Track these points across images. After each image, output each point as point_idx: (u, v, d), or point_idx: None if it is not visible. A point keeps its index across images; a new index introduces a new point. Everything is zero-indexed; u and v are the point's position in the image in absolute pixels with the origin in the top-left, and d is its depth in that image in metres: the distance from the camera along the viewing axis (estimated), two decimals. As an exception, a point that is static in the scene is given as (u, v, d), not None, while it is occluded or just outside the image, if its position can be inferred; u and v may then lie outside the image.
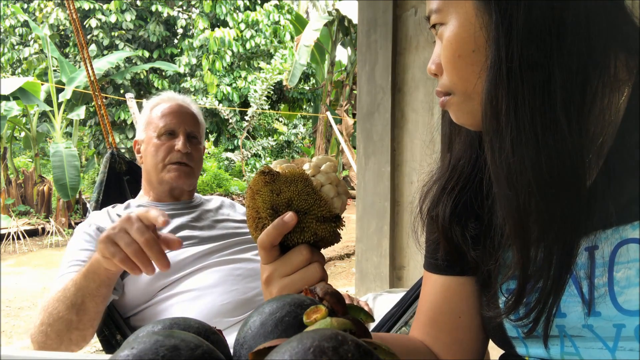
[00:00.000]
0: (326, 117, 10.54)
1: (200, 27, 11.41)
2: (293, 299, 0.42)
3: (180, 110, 1.45)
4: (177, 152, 1.39)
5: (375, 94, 2.94)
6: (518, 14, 0.50)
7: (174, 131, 1.41)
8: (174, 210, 1.42)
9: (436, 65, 0.61)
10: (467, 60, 0.55)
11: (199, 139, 1.47)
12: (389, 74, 2.83)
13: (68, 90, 8.90)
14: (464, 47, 0.55)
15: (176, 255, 1.27)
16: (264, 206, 0.59)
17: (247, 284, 1.26)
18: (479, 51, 0.54)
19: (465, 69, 0.56)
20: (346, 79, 11.37)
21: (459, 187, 0.67)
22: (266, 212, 0.59)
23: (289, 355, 0.29)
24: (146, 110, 1.48)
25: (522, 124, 0.51)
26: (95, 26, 10.86)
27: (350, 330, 0.34)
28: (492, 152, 0.54)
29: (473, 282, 0.69)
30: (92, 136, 11.64)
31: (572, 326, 0.56)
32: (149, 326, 0.42)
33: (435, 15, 0.57)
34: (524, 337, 0.61)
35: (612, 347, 0.54)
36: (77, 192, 8.45)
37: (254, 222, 0.61)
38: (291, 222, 0.57)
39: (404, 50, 2.81)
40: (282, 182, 0.59)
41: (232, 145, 12.56)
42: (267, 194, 0.59)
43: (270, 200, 0.59)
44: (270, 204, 0.59)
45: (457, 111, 0.60)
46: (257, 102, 11.19)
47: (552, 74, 0.49)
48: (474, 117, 0.58)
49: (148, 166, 1.43)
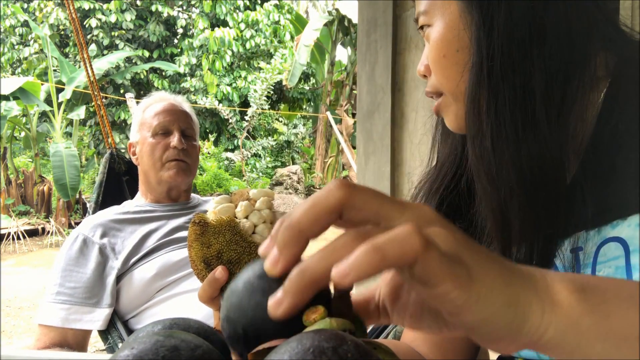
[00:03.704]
0: (326, 117, 10.55)
1: (200, 27, 11.42)
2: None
3: (173, 109, 1.44)
4: (174, 149, 1.38)
5: (375, 94, 2.94)
6: (499, 14, 0.51)
7: (168, 129, 1.40)
8: (172, 211, 1.41)
9: (425, 67, 0.62)
10: (452, 60, 0.56)
11: (193, 137, 1.46)
12: (389, 74, 2.83)
13: (68, 90, 8.91)
14: (449, 47, 0.56)
15: (174, 256, 1.27)
16: (197, 260, 0.60)
17: None
18: (462, 51, 0.55)
19: (450, 68, 0.57)
20: (346, 78, 11.37)
21: (442, 188, 0.67)
22: (200, 266, 0.60)
23: (289, 355, 0.29)
24: (138, 112, 1.47)
25: (503, 122, 0.52)
26: (95, 26, 10.86)
27: (349, 330, 0.34)
28: (473, 148, 0.55)
29: None
30: (92, 136, 11.65)
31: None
32: (149, 326, 0.42)
33: (423, 17, 0.59)
34: None
35: None
36: (77, 192, 8.46)
37: (195, 272, 0.62)
38: (222, 277, 0.58)
39: (404, 50, 2.81)
40: (210, 233, 0.59)
41: (232, 145, 12.57)
42: (198, 247, 0.59)
43: (202, 254, 0.59)
44: (202, 258, 0.59)
45: (449, 114, 0.61)
46: (257, 102, 11.19)
47: (532, 73, 0.50)
48: (462, 119, 0.59)
49: (145, 166, 1.42)
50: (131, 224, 1.34)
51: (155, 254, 1.28)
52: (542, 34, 0.50)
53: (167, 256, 1.27)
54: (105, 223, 1.32)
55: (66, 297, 1.21)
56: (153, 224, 1.35)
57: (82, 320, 1.20)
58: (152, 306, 1.25)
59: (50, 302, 1.21)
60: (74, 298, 1.21)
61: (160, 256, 1.27)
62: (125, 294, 1.25)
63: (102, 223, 1.32)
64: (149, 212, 1.39)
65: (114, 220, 1.33)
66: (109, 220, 1.33)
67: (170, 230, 1.34)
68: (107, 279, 1.24)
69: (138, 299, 1.25)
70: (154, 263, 1.26)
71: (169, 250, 1.29)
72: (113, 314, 1.25)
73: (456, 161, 0.67)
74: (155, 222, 1.36)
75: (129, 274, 1.26)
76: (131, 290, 1.25)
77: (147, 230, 1.32)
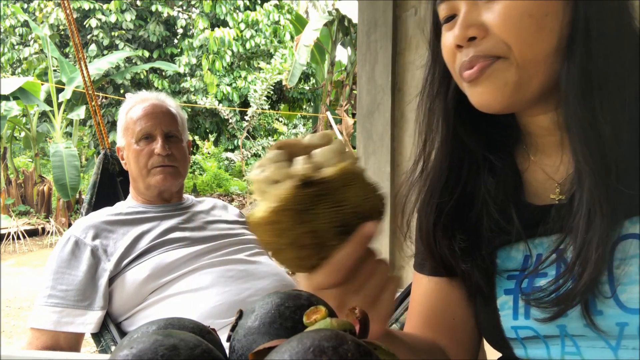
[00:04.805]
0: (326, 117, 10.55)
1: (200, 27, 11.42)
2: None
3: (154, 111, 1.41)
4: (158, 156, 1.37)
5: (375, 94, 2.94)
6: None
7: (150, 134, 1.38)
8: (164, 212, 1.40)
9: (477, 27, 0.55)
10: (538, 23, 0.52)
11: (178, 137, 1.43)
12: (389, 74, 2.83)
13: (68, 90, 8.91)
14: (538, 8, 0.52)
15: (167, 257, 1.26)
16: (327, 226, 0.45)
17: (240, 285, 1.25)
18: (552, 17, 0.52)
19: (532, 32, 0.52)
20: (346, 78, 11.36)
21: (437, 196, 0.65)
22: (331, 232, 0.46)
23: (289, 355, 0.28)
24: (122, 115, 1.46)
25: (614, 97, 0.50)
26: (95, 26, 10.86)
27: (350, 330, 0.34)
28: (583, 130, 0.52)
29: (464, 283, 0.68)
30: (92, 136, 11.65)
31: (573, 325, 0.56)
32: (143, 327, 0.42)
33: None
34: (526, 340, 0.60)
35: (615, 345, 0.53)
36: (77, 192, 8.46)
37: (312, 249, 0.46)
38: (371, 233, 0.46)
39: (404, 50, 2.81)
40: (337, 187, 0.44)
41: (232, 145, 12.57)
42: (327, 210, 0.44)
43: (334, 217, 0.45)
44: (339, 221, 0.45)
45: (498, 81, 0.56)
46: (257, 102, 11.18)
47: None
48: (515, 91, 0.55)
49: (133, 173, 1.41)
50: (123, 225, 1.33)
51: (148, 256, 1.27)
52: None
53: (160, 257, 1.26)
54: (98, 225, 1.31)
55: (58, 300, 1.20)
56: (146, 225, 1.34)
57: (74, 323, 1.19)
58: (145, 308, 1.24)
59: (42, 305, 1.20)
60: (65, 301, 1.20)
61: (153, 257, 1.26)
62: (117, 296, 1.24)
63: (94, 225, 1.31)
64: (141, 213, 1.38)
65: (106, 222, 1.32)
66: (101, 222, 1.32)
67: (163, 232, 1.33)
68: (100, 281, 1.23)
69: (131, 301, 1.24)
70: (146, 264, 1.24)
71: (162, 251, 1.28)
72: (106, 317, 1.24)
73: (456, 164, 0.65)
74: (147, 223, 1.35)
75: (121, 276, 1.25)
76: (124, 292, 1.24)
77: (139, 232, 1.31)
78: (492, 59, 0.55)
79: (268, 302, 0.43)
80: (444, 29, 0.61)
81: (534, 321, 0.58)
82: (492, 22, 0.54)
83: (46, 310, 1.19)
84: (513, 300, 0.61)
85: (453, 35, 0.57)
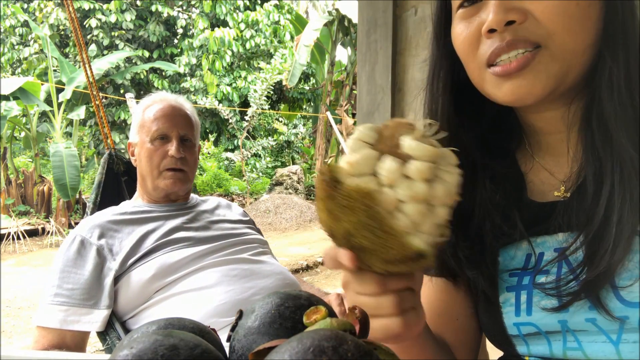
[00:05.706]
0: (326, 117, 10.54)
1: (200, 27, 11.42)
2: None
3: (172, 113, 1.42)
4: (171, 158, 1.37)
5: (375, 94, 2.94)
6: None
7: (166, 135, 1.39)
8: (169, 211, 1.41)
9: (517, 10, 0.52)
10: (584, 12, 0.51)
11: (192, 141, 1.45)
12: (389, 74, 2.83)
13: (68, 90, 8.91)
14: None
15: (172, 256, 1.27)
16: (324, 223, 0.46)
17: (243, 284, 1.26)
18: (594, 7, 0.52)
19: (577, 20, 0.51)
20: (346, 79, 11.36)
21: None
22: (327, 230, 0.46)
23: (289, 355, 0.28)
24: (139, 112, 1.46)
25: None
26: (95, 26, 10.87)
27: (350, 330, 0.34)
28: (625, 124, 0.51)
29: (467, 285, 0.69)
30: (92, 136, 11.65)
31: (575, 320, 0.56)
32: (143, 327, 0.42)
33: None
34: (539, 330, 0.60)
35: (616, 340, 0.54)
36: (77, 192, 8.46)
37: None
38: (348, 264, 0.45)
39: (404, 50, 2.81)
40: (339, 201, 0.43)
41: (232, 145, 12.57)
42: (324, 211, 0.44)
43: (328, 223, 0.45)
44: (328, 226, 0.45)
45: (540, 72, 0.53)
46: (257, 102, 11.18)
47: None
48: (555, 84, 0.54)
49: (143, 171, 1.41)
50: (129, 224, 1.34)
51: (153, 255, 1.28)
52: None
53: (165, 257, 1.27)
54: (103, 224, 1.32)
55: (64, 298, 1.20)
56: (151, 225, 1.34)
57: (80, 321, 1.20)
58: (150, 307, 1.24)
59: (48, 304, 1.20)
60: (71, 299, 1.21)
61: (158, 257, 1.27)
62: (123, 294, 1.25)
63: (100, 224, 1.32)
64: (146, 212, 1.39)
65: (112, 221, 1.33)
66: (106, 221, 1.33)
67: (169, 231, 1.34)
68: (105, 280, 1.24)
69: (136, 299, 1.25)
70: (152, 264, 1.25)
71: (167, 250, 1.29)
72: (111, 315, 1.25)
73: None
74: (153, 222, 1.35)
75: (126, 275, 1.25)
76: (129, 291, 1.24)
77: (145, 231, 1.32)
78: (531, 47, 0.53)
79: (268, 302, 0.43)
80: (458, 19, 0.59)
81: (537, 316, 0.58)
82: (535, 7, 0.51)
83: (52, 308, 1.20)
84: (515, 297, 0.61)
85: (486, 19, 0.53)
